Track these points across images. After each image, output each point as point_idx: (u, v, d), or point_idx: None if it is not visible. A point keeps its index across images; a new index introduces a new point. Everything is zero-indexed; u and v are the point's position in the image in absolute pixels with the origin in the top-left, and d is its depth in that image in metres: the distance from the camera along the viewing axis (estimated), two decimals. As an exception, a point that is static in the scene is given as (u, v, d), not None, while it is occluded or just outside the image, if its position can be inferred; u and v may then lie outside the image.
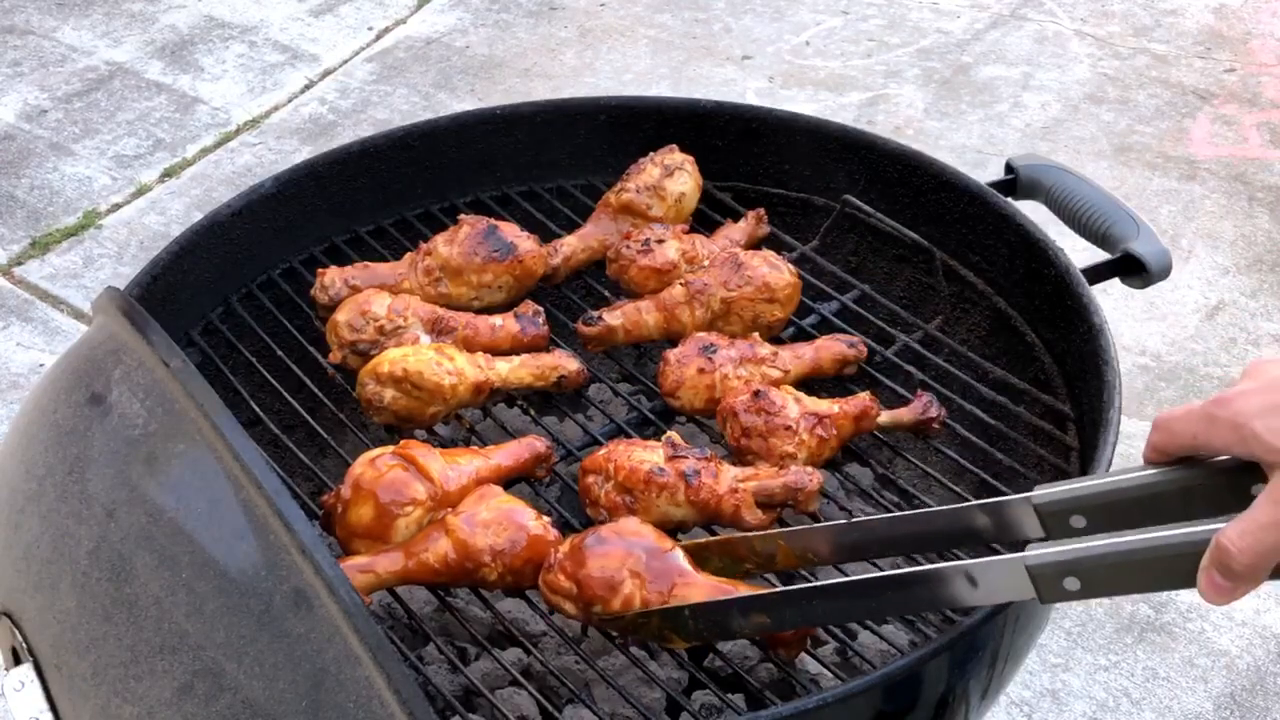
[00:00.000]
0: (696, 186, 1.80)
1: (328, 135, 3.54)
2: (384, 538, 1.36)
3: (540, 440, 1.50)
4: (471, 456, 1.45)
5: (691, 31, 3.98)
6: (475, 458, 1.45)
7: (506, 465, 1.46)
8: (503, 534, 1.33)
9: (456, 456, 1.43)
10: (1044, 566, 1.04)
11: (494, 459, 1.46)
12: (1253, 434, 0.96)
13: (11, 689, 1.18)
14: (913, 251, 1.78)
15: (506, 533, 1.33)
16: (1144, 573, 1.01)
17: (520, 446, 1.48)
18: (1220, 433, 0.98)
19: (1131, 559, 1.01)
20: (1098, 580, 1.03)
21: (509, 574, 1.33)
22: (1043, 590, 1.04)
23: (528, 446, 1.48)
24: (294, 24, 4.05)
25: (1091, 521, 1.07)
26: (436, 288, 1.67)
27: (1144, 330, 2.90)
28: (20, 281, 3.11)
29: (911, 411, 1.53)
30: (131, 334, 1.21)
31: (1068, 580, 1.03)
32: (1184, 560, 0.99)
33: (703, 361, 1.53)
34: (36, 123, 3.61)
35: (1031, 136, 3.45)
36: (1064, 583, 1.03)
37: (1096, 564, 1.02)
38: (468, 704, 1.47)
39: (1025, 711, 2.16)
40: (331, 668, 1.01)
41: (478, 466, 1.44)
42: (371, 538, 1.36)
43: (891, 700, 1.23)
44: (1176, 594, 2.32)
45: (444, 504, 1.39)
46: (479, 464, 1.44)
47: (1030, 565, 1.04)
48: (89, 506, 1.16)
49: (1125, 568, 1.01)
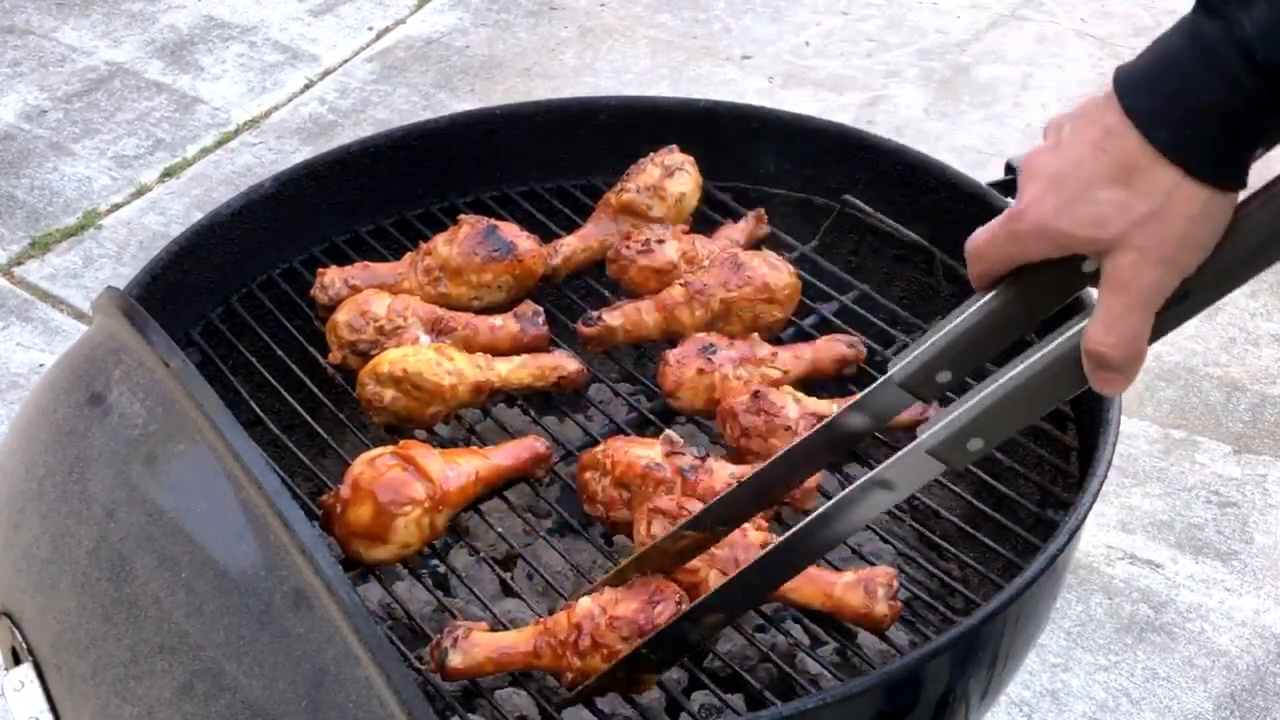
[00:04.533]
0: (696, 186, 1.80)
1: (328, 135, 3.54)
2: (383, 537, 1.36)
3: (540, 440, 1.50)
4: (471, 456, 1.45)
5: (691, 31, 3.98)
6: (475, 457, 1.45)
7: (506, 465, 1.46)
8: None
9: (456, 456, 1.43)
10: (943, 443, 1.04)
11: (494, 459, 1.46)
12: (1062, 234, 0.94)
13: (11, 689, 1.18)
14: (913, 251, 1.78)
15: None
16: (1034, 402, 1.02)
17: (520, 446, 1.48)
18: (1032, 245, 0.97)
19: (1017, 397, 1.01)
20: (997, 429, 1.03)
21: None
22: (952, 461, 1.05)
23: (527, 447, 1.48)
24: (294, 24, 4.05)
25: (956, 371, 1.06)
26: (436, 288, 1.67)
27: (1144, 330, 2.90)
28: (20, 281, 3.11)
29: (911, 412, 1.53)
30: (131, 334, 1.21)
31: (970, 443, 1.04)
32: (1065, 374, 0.99)
33: (702, 362, 1.53)
34: (36, 123, 3.61)
35: (1032, 136, 3.45)
36: (968, 446, 1.04)
37: (988, 417, 1.02)
38: (468, 704, 1.47)
39: (1025, 711, 2.16)
40: (331, 668, 1.01)
41: (477, 466, 1.44)
42: (370, 537, 1.37)
43: (891, 700, 1.23)
44: (1176, 594, 2.32)
45: (443, 504, 1.39)
46: (479, 464, 1.44)
47: (930, 448, 1.05)
48: (89, 506, 1.16)
49: (1016, 407, 1.02)
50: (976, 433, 1.03)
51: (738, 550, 1.31)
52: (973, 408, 1.03)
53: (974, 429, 1.03)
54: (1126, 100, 0.90)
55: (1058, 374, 1.00)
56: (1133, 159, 0.89)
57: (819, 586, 1.32)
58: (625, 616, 1.25)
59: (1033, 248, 0.97)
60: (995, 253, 1.00)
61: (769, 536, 1.34)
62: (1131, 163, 0.90)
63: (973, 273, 1.02)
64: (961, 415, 1.03)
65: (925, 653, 1.21)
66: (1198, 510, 2.49)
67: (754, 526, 1.34)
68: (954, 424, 1.03)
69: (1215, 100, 0.86)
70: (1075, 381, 0.99)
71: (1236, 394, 2.74)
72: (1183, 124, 0.88)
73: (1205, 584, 2.35)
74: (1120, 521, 2.47)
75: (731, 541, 1.31)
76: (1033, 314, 1.03)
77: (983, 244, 1.00)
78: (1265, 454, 2.60)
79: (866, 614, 1.30)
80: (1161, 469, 2.57)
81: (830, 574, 1.33)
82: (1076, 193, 0.92)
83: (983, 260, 1.01)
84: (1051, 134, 0.96)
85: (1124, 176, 0.90)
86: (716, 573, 1.30)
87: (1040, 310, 1.02)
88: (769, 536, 1.34)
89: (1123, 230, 0.91)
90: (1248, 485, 2.54)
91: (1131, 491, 2.52)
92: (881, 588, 1.30)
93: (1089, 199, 0.92)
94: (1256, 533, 2.45)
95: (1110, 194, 0.91)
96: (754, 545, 1.31)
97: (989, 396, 1.02)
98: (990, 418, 1.02)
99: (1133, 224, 0.90)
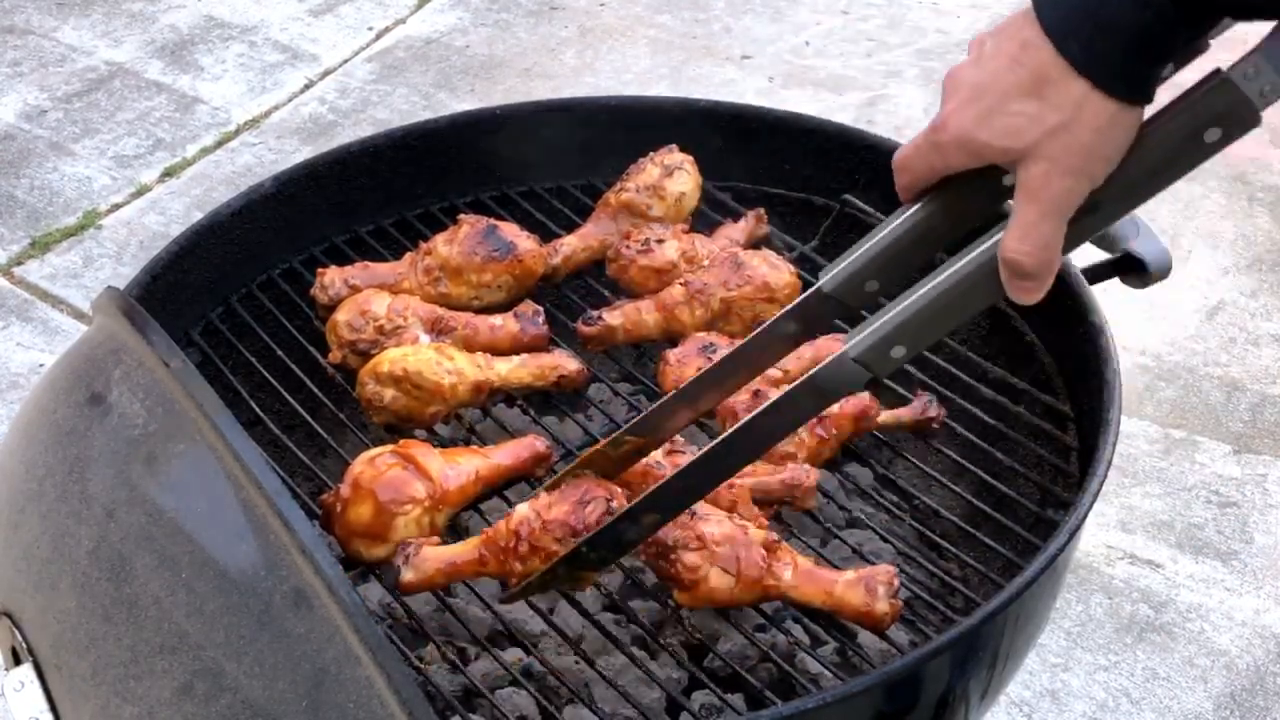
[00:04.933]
0: (696, 186, 1.80)
1: (328, 135, 3.54)
2: (383, 536, 1.36)
3: (540, 440, 1.50)
4: (471, 456, 1.45)
5: (691, 31, 3.98)
6: (475, 457, 1.45)
7: (506, 465, 1.46)
8: None
9: (456, 456, 1.43)
10: (867, 350, 1.08)
11: (494, 458, 1.46)
12: (979, 144, 0.98)
13: (11, 689, 1.18)
14: (913, 251, 1.78)
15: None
16: (954, 311, 1.06)
17: (520, 446, 1.48)
18: (953, 155, 1.00)
19: (937, 305, 1.05)
20: (919, 337, 1.08)
21: None
22: (876, 369, 1.09)
23: (527, 446, 1.48)
24: (294, 24, 4.05)
25: (883, 281, 1.11)
26: (436, 287, 1.67)
27: (1144, 330, 2.90)
28: (20, 281, 3.11)
29: (911, 411, 1.53)
30: (131, 334, 1.21)
31: (894, 350, 1.08)
32: (983, 283, 1.03)
33: (702, 361, 1.53)
34: (36, 123, 3.61)
35: (1031, 136, 3.45)
36: (891, 353, 1.08)
37: (910, 325, 1.07)
38: (468, 704, 1.47)
39: (1025, 712, 2.16)
40: (331, 667, 1.01)
41: (477, 466, 1.44)
42: (370, 536, 1.37)
43: (891, 700, 1.23)
44: (1176, 594, 2.32)
45: (443, 503, 1.39)
46: (479, 463, 1.44)
47: (855, 355, 1.09)
48: (89, 506, 1.16)
49: (936, 315, 1.06)
50: (899, 340, 1.08)
51: (738, 548, 1.31)
52: (895, 316, 1.07)
53: (896, 336, 1.07)
54: (1043, 15, 0.94)
55: (976, 283, 1.04)
56: (1045, 72, 0.94)
57: (819, 585, 1.32)
58: (558, 519, 1.30)
59: (953, 158, 1.01)
60: (919, 164, 1.04)
61: (769, 534, 1.34)
62: (1044, 75, 0.94)
63: (899, 185, 1.06)
64: (885, 324, 1.08)
65: (925, 652, 1.21)
66: (1198, 510, 2.49)
67: (755, 524, 1.34)
68: (877, 332, 1.08)
69: (1125, 17, 0.91)
70: (993, 291, 1.03)
71: (1236, 394, 2.74)
72: (1093, 39, 0.92)
73: (1205, 584, 2.35)
74: (1120, 521, 2.47)
75: (731, 539, 1.31)
76: (955, 226, 1.07)
77: (908, 155, 1.04)
78: (1265, 454, 2.60)
79: (867, 613, 1.30)
80: (1161, 469, 2.57)
81: (831, 573, 1.33)
82: (993, 104, 0.96)
83: (908, 172, 1.05)
84: (974, 49, 1.01)
85: (1037, 89, 0.94)
86: (717, 570, 1.30)
87: (963, 222, 1.07)
88: (769, 534, 1.34)
89: (1035, 140, 0.95)
90: (1248, 485, 2.54)
91: (1131, 491, 2.52)
92: (882, 586, 1.30)
93: (1004, 110, 0.96)
94: (1256, 533, 2.45)
95: (1024, 105, 0.95)
96: (754, 543, 1.31)
97: (911, 306, 1.06)
98: (912, 326, 1.07)
99: (1044, 134, 0.94)
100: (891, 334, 1.07)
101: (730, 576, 1.31)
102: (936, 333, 1.08)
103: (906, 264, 1.09)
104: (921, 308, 1.06)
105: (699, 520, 1.32)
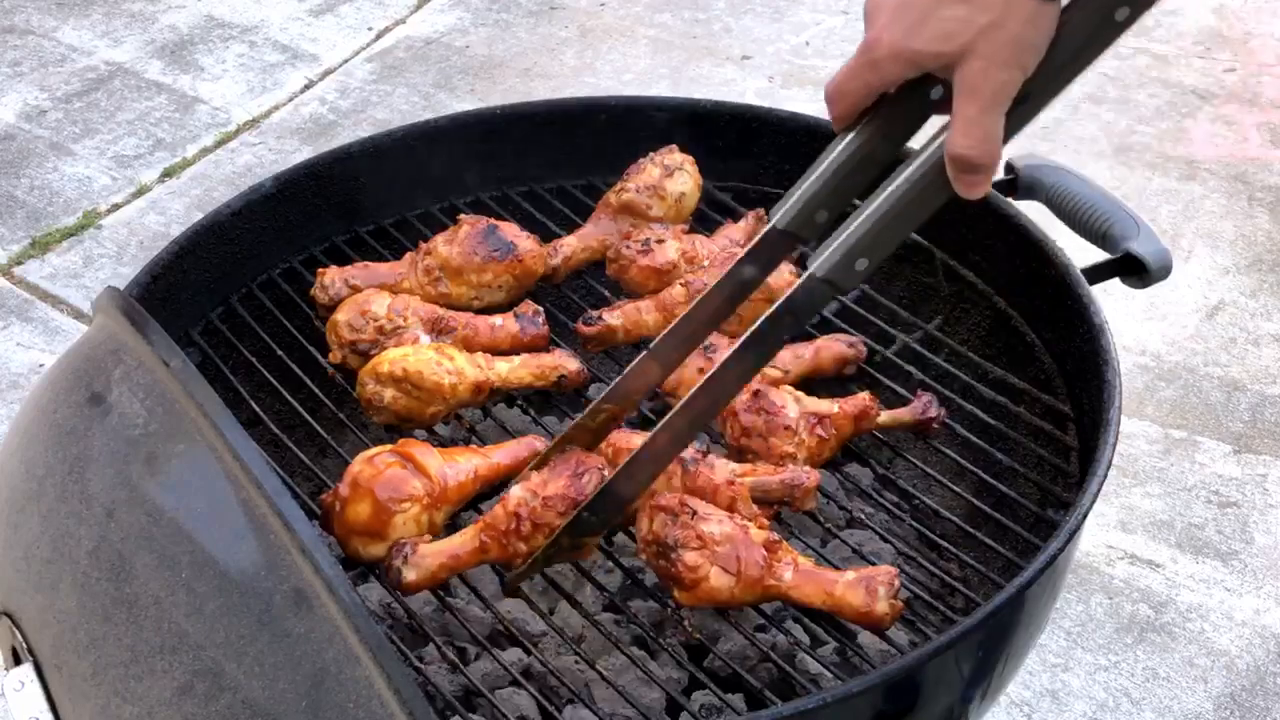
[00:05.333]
0: (696, 186, 1.80)
1: (328, 135, 3.54)
2: (381, 535, 1.36)
3: (540, 440, 1.50)
4: (471, 455, 1.45)
5: (691, 31, 3.98)
6: (475, 456, 1.45)
7: (506, 465, 1.46)
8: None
9: (455, 455, 1.43)
10: (831, 268, 1.16)
11: (493, 458, 1.46)
12: (915, 53, 1.05)
13: (11, 689, 1.18)
14: (912, 251, 1.78)
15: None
16: (909, 216, 1.13)
17: (520, 446, 1.48)
18: (889, 68, 1.07)
19: (894, 213, 1.13)
20: (879, 245, 1.15)
21: None
22: (841, 282, 1.17)
23: (527, 446, 1.48)
24: (294, 24, 4.05)
25: (831, 209, 1.18)
26: (436, 287, 1.67)
27: (1144, 330, 2.90)
28: (20, 281, 3.11)
29: (911, 411, 1.53)
30: (131, 334, 1.21)
31: (858, 263, 1.16)
32: (932, 184, 1.10)
33: (703, 361, 1.53)
34: (36, 123, 3.61)
35: (1031, 136, 3.44)
36: (855, 266, 1.16)
37: (870, 235, 1.14)
38: (468, 704, 1.47)
39: (1025, 712, 2.15)
40: (331, 667, 1.01)
41: (476, 465, 1.44)
42: (369, 535, 1.36)
43: (891, 700, 1.23)
44: (1176, 594, 2.32)
45: (442, 501, 1.39)
46: (478, 462, 1.44)
47: (820, 274, 1.16)
48: (89, 506, 1.16)
49: (892, 221, 1.13)
50: (862, 252, 1.15)
51: (738, 547, 1.31)
52: (855, 231, 1.15)
53: (859, 249, 1.15)
54: None
55: (925, 186, 1.11)
56: None
57: (820, 585, 1.32)
58: (557, 493, 1.34)
59: (889, 72, 1.07)
60: (855, 85, 1.10)
61: (769, 534, 1.34)
62: None
63: (834, 115, 1.14)
64: (846, 239, 1.15)
65: (925, 652, 1.21)
66: (1198, 510, 2.49)
67: (756, 525, 1.34)
68: (840, 248, 1.15)
69: None
70: (942, 190, 1.10)
71: (1236, 394, 2.74)
72: None
73: (1205, 584, 2.35)
74: (1120, 521, 2.46)
75: (731, 539, 1.31)
76: (891, 146, 1.14)
77: (841, 81, 1.11)
78: (1265, 454, 2.60)
79: (868, 613, 1.30)
80: (1161, 469, 2.57)
81: (831, 573, 1.33)
82: (922, 14, 1.03)
83: (843, 97, 1.11)
84: None
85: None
86: (718, 569, 1.30)
87: (897, 141, 1.14)
88: (769, 534, 1.34)
89: (968, 41, 1.02)
90: (1248, 485, 2.54)
91: (1131, 491, 2.52)
92: (883, 587, 1.30)
93: (936, 17, 1.03)
94: (1256, 533, 2.45)
95: (953, 10, 1.02)
96: (755, 544, 1.32)
97: (868, 219, 1.14)
98: (872, 236, 1.14)
99: (977, 34, 1.02)
100: (854, 247, 1.14)
101: (731, 576, 1.31)
102: (894, 240, 1.15)
103: (850, 190, 1.17)
104: (878, 219, 1.13)
105: (699, 520, 1.32)
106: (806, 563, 1.34)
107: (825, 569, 1.35)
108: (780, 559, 1.33)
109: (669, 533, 1.32)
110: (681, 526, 1.32)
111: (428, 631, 1.40)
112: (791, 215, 1.19)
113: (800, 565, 1.33)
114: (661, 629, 1.52)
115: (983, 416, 1.56)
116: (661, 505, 1.34)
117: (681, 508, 1.33)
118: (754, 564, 1.31)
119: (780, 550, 1.33)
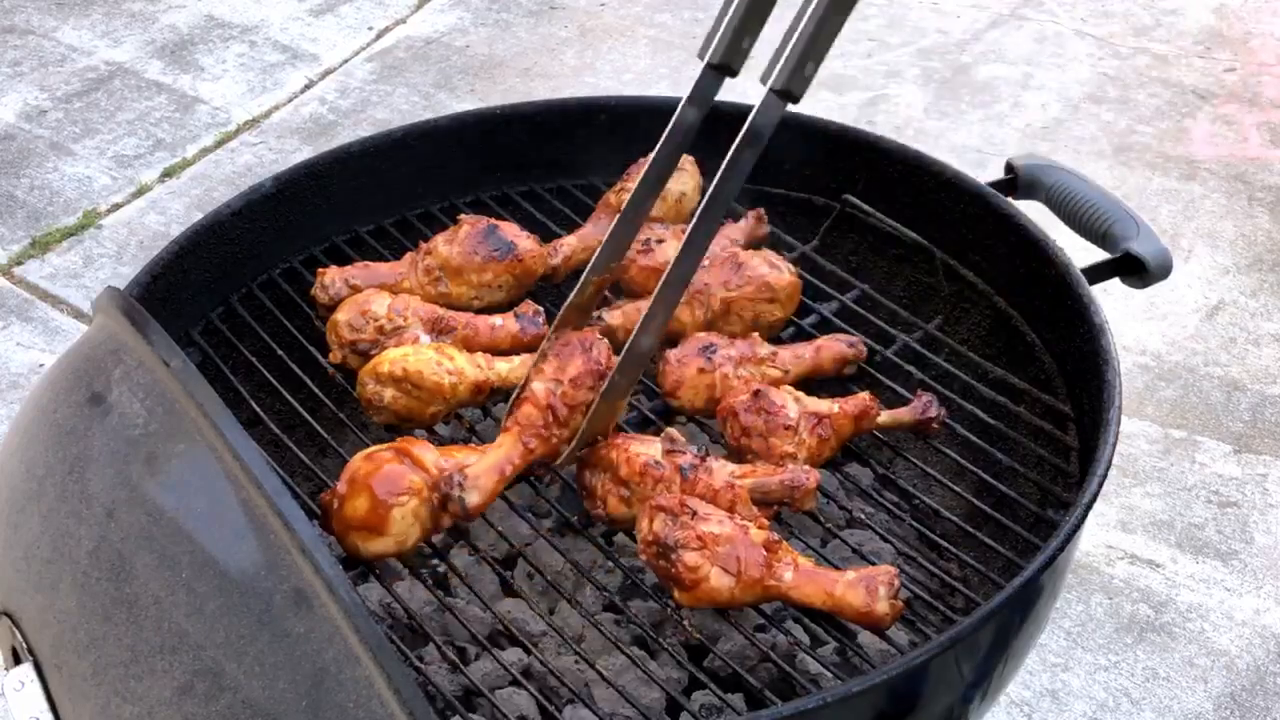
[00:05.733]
0: (696, 186, 1.80)
1: (328, 135, 3.54)
2: (380, 529, 1.36)
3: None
4: (470, 454, 1.44)
5: (691, 31, 3.98)
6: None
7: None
8: None
9: (454, 453, 1.43)
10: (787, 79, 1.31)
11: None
12: None
13: (11, 689, 1.18)
14: (913, 251, 1.78)
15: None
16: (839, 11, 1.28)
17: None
18: None
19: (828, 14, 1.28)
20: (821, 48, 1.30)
21: None
22: (796, 91, 1.32)
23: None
24: (294, 24, 4.05)
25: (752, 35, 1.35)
26: (436, 287, 1.67)
27: (1144, 330, 2.90)
28: (20, 281, 3.11)
29: (911, 411, 1.53)
30: (131, 334, 1.21)
31: (806, 69, 1.31)
32: None
33: (702, 361, 1.53)
34: (36, 123, 3.61)
35: (1031, 136, 3.45)
36: (805, 73, 1.31)
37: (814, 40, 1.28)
38: (468, 704, 1.47)
39: (1025, 712, 2.16)
40: (331, 667, 1.01)
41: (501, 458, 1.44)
42: (367, 529, 1.36)
43: (891, 700, 1.23)
44: (1176, 594, 2.32)
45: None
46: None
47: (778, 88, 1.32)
48: (89, 506, 1.16)
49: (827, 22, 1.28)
50: (809, 57, 1.30)
51: (738, 548, 1.31)
52: (799, 40, 1.30)
53: (806, 54, 1.30)
54: None
55: None
56: None
57: (820, 585, 1.32)
58: (580, 372, 1.42)
59: None
60: None
61: (769, 535, 1.34)
62: None
63: None
64: (794, 49, 1.30)
65: (925, 652, 1.21)
66: (1198, 510, 2.49)
67: (755, 525, 1.34)
68: (790, 58, 1.30)
69: None
70: None
71: (1236, 394, 2.74)
72: None
73: (1205, 584, 2.35)
74: (1120, 521, 2.47)
75: (731, 539, 1.31)
76: None
77: None
78: (1265, 454, 2.60)
79: (868, 613, 1.30)
80: (1161, 469, 2.57)
81: (831, 573, 1.33)
82: None
83: None
84: None
85: None
86: (718, 570, 1.30)
87: None
88: (769, 535, 1.34)
89: None
90: (1248, 485, 2.54)
91: (1131, 491, 2.52)
92: (883, 586, 1.30)
93: None
94: (1256, 533, 2.45)
95: None
96: (755, 544, 1.31)
97: (807, 25, 1.29)
98: (815, 41, 1.29)
99: None
100: (803, 54, 1.29)
101: (731, 576, 1.31)
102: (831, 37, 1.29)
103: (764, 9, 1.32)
104: (817, 23, 1.28)
105: (700, 520, 1.32)
106: (806, 563, 1.34)
107: (825, 569, 1.35)
108: (780, 559, 1.33)
109: (669, 533, 1.32)
110: (682, 527, 1.31)
111: (428, 631, 1.40)
112: (722, 49, 1.33)
113: (800, 565, 1.33)
114: (661, 629, 1.52)
115: (983, 416, 1.56)
116: (662, 506, 1.34)
117: (681, 508, 1.33)
118: (754, 564, 1.31)
119: (780, 550, 1.33)
